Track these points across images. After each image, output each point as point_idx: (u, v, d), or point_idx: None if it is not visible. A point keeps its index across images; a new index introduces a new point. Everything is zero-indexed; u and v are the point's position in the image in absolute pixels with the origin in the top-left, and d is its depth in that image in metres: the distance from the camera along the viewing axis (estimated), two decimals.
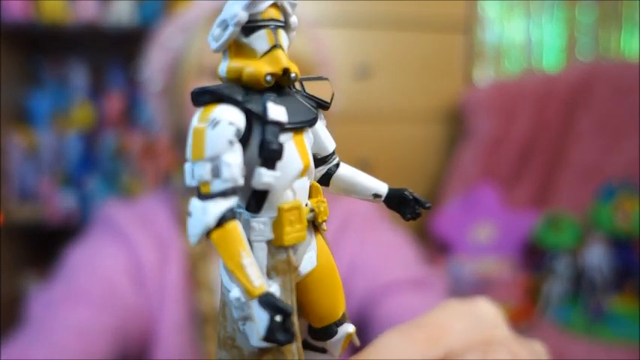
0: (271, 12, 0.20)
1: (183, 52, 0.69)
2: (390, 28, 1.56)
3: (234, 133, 0.19)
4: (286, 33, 0.21)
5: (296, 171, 0.20)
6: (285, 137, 0.20)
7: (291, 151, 0.20)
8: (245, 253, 0.18)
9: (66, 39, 1.56)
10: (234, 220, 0.18)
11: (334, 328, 0.22)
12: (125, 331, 0.62)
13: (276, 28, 0.20)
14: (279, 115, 0.19)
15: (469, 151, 1.50)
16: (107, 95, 1.56)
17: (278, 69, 0.19)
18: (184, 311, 0.66)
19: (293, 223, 0.20)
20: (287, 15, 0.21)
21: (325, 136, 0.22)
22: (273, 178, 0.19)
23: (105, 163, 1.52)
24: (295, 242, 0.20)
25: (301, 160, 0.20)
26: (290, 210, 0.20)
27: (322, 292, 0.21)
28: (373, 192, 0.23)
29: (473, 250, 1.38)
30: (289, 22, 0.21)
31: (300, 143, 0.20)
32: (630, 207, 1.19)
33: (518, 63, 1.70)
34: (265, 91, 0.20)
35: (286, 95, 0.20)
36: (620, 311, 1.13)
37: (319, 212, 0.21)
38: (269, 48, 0.20)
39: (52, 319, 0.59)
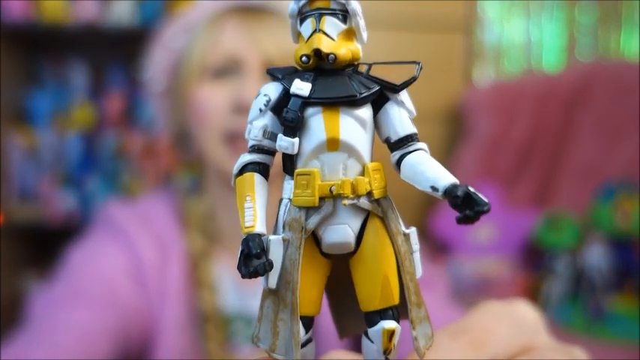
0: (318, 2, 0.22)
1: (186, 52, 0.69)
2: (390, 28, 1.56)
3: (264, 102, 0.22)
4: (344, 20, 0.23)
5: (318, 141, 0.22)
6: (313, 110, 0.22)
7: (317, 123, 0.22)
8: (249, 198, 0.22)
9: (66, 39, 1.56)
10: (251, 172, 0.22)
11: (376, 318, 0.22)
12: (126, 331, 0.62)
13: (320, 15, 0.22)
14: (300, 89, 0.22)
15: (469, 151, 1.50)
16: (107, 95, 1.57)
17: (309, 50, 0.22)
18: (185, 311, 0.66)
19: (303, 187, 0.22)
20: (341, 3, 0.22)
21: (396, 119, 0.23)
22: (289, 144, 0.22)
23: (105, 163, 1.52)
24: (303, 204, 0.22)
25: (325, 133, 0.22)
26: (301, 175, 0.22)
27: (361, 276, 0.23)
28: (431, 184, 0.22)
29: (473, 250, 1.38)
30: (349, 9, 0.23)
31: (332, 118, 0.22)
32: (630, 207, 1.19)
33: (518, 63, 1.70)
34: (313, 71, 0.22)
35: (333, 75, 0.22)
36: (620, 311, 1.13)
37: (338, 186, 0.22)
38: (311, 33, 0.22)
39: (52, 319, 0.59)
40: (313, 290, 0.23)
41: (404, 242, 0.23)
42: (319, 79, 0.22)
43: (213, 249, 0.71)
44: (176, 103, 0.73)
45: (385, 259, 0.22)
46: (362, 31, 0.24)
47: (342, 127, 0.22)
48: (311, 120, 0.22)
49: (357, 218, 0.22)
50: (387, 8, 1.54)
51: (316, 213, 0.22)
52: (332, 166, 0.22)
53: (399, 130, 0.23)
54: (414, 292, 0.23)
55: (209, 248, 0.70)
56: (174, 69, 0.71)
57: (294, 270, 0.22)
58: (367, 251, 0.22)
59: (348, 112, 0.22)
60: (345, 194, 0.22)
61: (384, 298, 0.22)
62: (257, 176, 0.23)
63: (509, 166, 1.49)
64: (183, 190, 0.78)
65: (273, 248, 0.22)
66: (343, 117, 0.22)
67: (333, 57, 0.22)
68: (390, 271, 0.22)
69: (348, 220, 0.22)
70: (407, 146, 0.23)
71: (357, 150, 0.22)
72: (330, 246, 0.22)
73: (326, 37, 0.22)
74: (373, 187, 0.22)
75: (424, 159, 0.23)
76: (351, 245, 0.23)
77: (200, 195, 0.75)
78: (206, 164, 0.72)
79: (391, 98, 0.24)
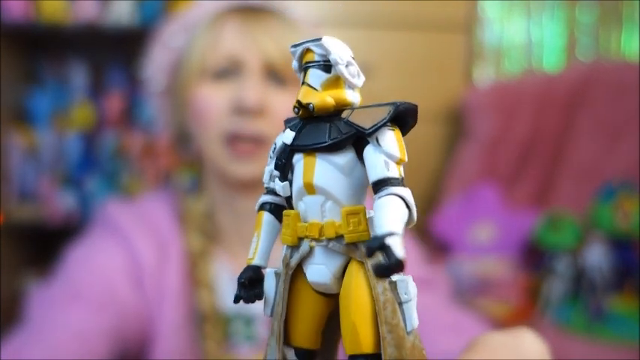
0: (306, 57, 0.24)
1: (186, 52, 0.69)
2: (390, 28, 1.56)
3: (272, 149, 0.25)
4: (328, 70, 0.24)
5: (298, 186, 0.23)
6: (298, 157, 0.24)
7: (299, 168, 0.23)
8: (256, 233, 0.24)
9: (66, 39, 1.56)
10: (262, 211, 0.25)
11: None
12: (124, 331, 0.62)
13: (306, 69, 0.24)
14: (286, 138, 0.24)
15: (469, 151, 1.50)
16: (107, 95, 1.56)
17: (295, 101, 0.24)
18: (184, 310, 0.66)
19: (286, 227, 0.24)
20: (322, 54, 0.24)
21: (371, 163, 0.23)
22: (280, 187, 0.24)
23: (105, 163, 1.52)
24: (286, 243, 0.24)
25: (302, 178, 0.23)
26: (286, 215, 0.24)
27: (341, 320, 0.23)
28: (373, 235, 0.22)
29: (473, 250, 1.38)
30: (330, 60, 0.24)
31: (309, 163, 0.23)
32: (630, 207, 1.19)
33: (519, 63, 1.69)
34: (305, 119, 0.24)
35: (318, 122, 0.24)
36: (620, 311, 1.13)
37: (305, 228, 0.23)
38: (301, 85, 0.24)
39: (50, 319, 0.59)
40: (304, 323, 0.24)
41: (386, 290, 0.22)
42: (306, 128, 0.24)
43: (212, 248, 0.71)
44: (176, 102, 0.73)
45: (358, 306, 0.22)
46: (350, 78, 0.24)
47: (317, 172, 0.23)
48: (296, 166, 0.24)
49: (334, 261, 0.23)
50: (388, 8, 1.54)
51: (296, 252, 0.23)
52: (312, 208, 0.23)
53: (371, 174, 0.23)
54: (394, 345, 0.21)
55: (208, 248, 0.70)
56: (174, 68, 0.71)
57: (280, 301, 0.23)
58: (342, 296, 0.23)
59: (324, 157, 0.23)
60: (312, 236, 0.22)
61: (353, 345, 0.22)
62: (267, 215, 0.25)
63: (509, 166, 1.49)
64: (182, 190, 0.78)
65: (266, 280, 0.24)
66: (319, 162, 0.23)
67: (312, 106, 0.23)
68: (359, 318, 0.22)
69: (324, 262, 0.23)
70: (380, 191, 0.22)
71: (333, 194, 0.23)
72: (312, 284, 0.24)
73: (309, 88, 0.23)
74: (345, 230, 0.22)
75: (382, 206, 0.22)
76: (330, 286, 0.23)
77: (199, 195, 0.75)
78: (205, 164, 0.72)
79: (370, 142, 0.23)
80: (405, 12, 1.56)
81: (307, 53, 0.24)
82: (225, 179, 0.69)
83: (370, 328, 0.22)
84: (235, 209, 0.71)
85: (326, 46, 0.24)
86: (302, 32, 0.69)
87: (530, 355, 0.26)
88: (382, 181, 0.22)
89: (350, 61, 0.24)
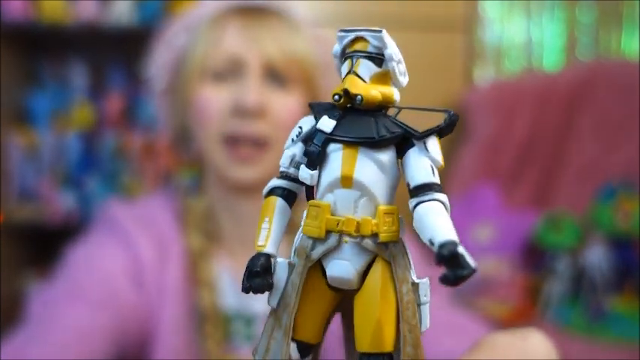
0: (356, 45, 0.24)
1: (187, 52, 0.69)
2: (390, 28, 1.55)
3: (297, 133, 0.24)
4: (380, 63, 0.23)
5: (333, 177, 0.22)
6: (335, 147, 0.23)
7: (336, 159, 0.23)
8: (267, 218, 0.23)
9: (66, 39, 1.56)
10: (274, 196, 0.24)
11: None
12: (124, 331, 0.62)
13: (357, 58, 0.23)
14: (324, 125, 0.23)
15: (469, 151, 1.50)
16: (107, 95, 1.56)
17: (339, 90, 0.23)
18: (184, 310, 0.66)
19: (313, 218, 0.23)
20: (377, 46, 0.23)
21: (416, 167, 0.23)
22: (308, 175, 0.23)
23: (105, 163, 1.52)
24: (310, 234, 0.23)
25: (340, 170, 0.22)
26: (313, 206, 0.23)
27: (357, 316, 0.23)
28: (429, 237, 0.22)
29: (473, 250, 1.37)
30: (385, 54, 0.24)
31: (350, 156, 0.22)
32: (630, 207, 1.19)
33: (519, 63, 1.69)
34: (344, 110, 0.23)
35: (361, 115, 0.23)
36: (620, 311, 1.13)
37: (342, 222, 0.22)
38: (346, 74, 0.23)
39: (50, 318, 0.59)
40: (313, 318, 0.23)
41: (409, 291, 0.23)
42: (346, 118, 0.23)
43: (212, 248, 0.71)
44: (177, 102, 0.73)
45: (383, 303, 0.22)
46: (399, 76, 0.24)
47: (358, 166, 0.22)
48: (331, 156, 0.23)
49: (361, 257, 0.23)
50: (387, 8, 1.54)
51: (321, 245, 0.23)
52: (344, 202, 0.22)
53: (416, 177, 0.23)
54: (412, 344, 0.22)
55: (208, 247, 0.70)
56: (175, 68, 0.71)
57: (294, 294, 0.23)
58: (366, 292, 0.23)
59: (366, 152, 0.23)
60: (347, 232, 0.22)
61: (374, 343, 0.22)
62: (280, 201, 0.24)
63: (509, 166, 1.49)
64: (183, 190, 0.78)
65: (278, 270, 0.23)
66: (361, 157, 0.23)
67: (360, 98, 0.22)
68: (385, 317, 0.22)
69: (350, 258, 0.23)
70: (422, 195, 0.23)
71: (371, 190, 0.22)
72: (332, 279, 0.23)
73: (358, 78, 0.23)
74: (380, 229, 0.22)
75: (432, 211, 0.22)
76: (352, 282, 0.23)
77: (200, 194, 0.75)
78: (206, 164, 0.72)
79: (416, 144, 0.24)
80: (405, 12, 1.56)
81: (359, 41, 0.24)
82: (225, 182, 0.69)
83: (393, 327, 0.22)
84: (235, 211, 0.71)
85: (385, 39, 0.23)
86: (303, 33, 0.69)
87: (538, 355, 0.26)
88: (427, 185, 0.23)
89: (401, 59, 0.24)
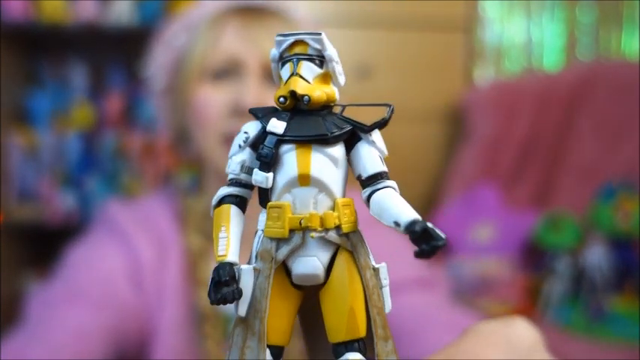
0: (296, 48, 0.24)
1: (186, 52, 0.69)
2: (390, 28, 1.56)
3: (243, 139, 0.24)
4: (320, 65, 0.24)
5: (291, 177, 0.23)
6: (287, 148, 0.23)
7: (290, 159, 0.23)
8: (224, 228, 0.23)
9: (66, 39, 1.56)
10: (228, 204, 0.24)
11: (342, 350, 0.23)
12: (123, 331, 0.62)
13: (298, 60, 0.24)
14: (275, 127, 0.23)
15: (469, 151, 1.50)
16: (107, 95, 1.56)
17: (286, 92, 0.23)
18: (183, 310, 0.66)
19: (275, 220, 0.23)
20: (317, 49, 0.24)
21: (366, 157, 0.24)
22: (263, 178, 0.23)
23: (105, 163, 1.52)
24: (274, 236, 0.23)
25: (297, 169, 0.23)
26: (273, 207, 0.23)
27: (329, 308, 0.23)
28: (394, 220, 0.23)
29: (473, 250, 1.38)
30: (325, 55, 0.24)
31: (304, 155, 0.23)
32: (630, 207, 1.19)
33: (519, 63, 1.69)
34: (290, 111, 0.24)
35: (307, 115, 0.24)
36: (620, 311, 1.13)
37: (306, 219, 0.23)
38: (289, 76, 0.24)
39: (49, 318, 0.59)
40: (282, 320, 0.23)
41: (372, 276, 0.24)
42: (295, 119, 0.24)
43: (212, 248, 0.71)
44: (176, 102, 0.73)
45: (352, 291, 0.23)
46: (338, 75, 0.25)
47: (314, 163, 0.23)
48: (285, 156, 0.23)
49: (325, 251, 0.23)
50: (388, 8, 1.54)
51: (286, 244, 0.23)
52: (303, 200, 0.23)
53: (368, 168, 0.24)
54: (381, 325, 0.23)
55: (208, 247, 0.70)
56: (174, 68, 0.71)
57: (263, 299, 0.23)
58: (335, 283, 0.23)
59: (319, 149, 0.23)
60: (312, 227, 0.23)
61: (350, 331, 0.23)
62: (233, 208, 0.24)
63: (509, 166, 1.49)
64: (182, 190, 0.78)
65: (244, 277, 0.23)
66: (315, 154, 0.23)
67: (308, 98, 0.23)
68: (356, 304, 0.23)
69: (316, 253, 0.23)
70: (376, 183, 0.24)
71: (328, 186, 0.23)
72: (299, 277, 0.23)
73: (302, 80, 0.24)
74: (342, 221, 0.23)
75: (390, 196, 0.24)
76: (320, 277, 0.23)
77: (199, 194, 0.75)
78: (205, 164, 0.72)
79: (363, 138, 0.25)
80: (405, 12, 1.56)
81: (299, 45, 0.24)
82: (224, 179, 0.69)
83: (364, 313, 0.23)
84: None
85: (324, 42, 0.24)
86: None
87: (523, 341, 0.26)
88: (379, 174, 0.24)
89: (338, 60, 0.25)
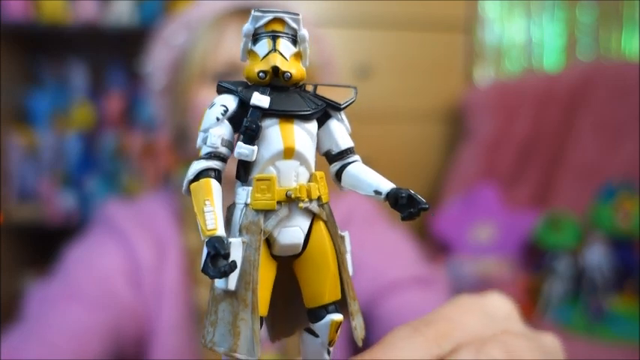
0: (274, 25, 0.25)
1: (187, 52, 0.69)
2: (390, 28, 1.56)
3: (221, 112, 0.24)
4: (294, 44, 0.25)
5: (276, 150, 0.24)
6: (271, 122, 0.24)
7: (274, 133, 0.24)
8: (209, 202, 0.23)
9: (66, 39, 1.56)
10: (208, 178, 0.24)
11: (322, 313, 0.24)
12: (121, 330, 0.62)
13: (276, 37, 0.24)
14: (260, 101, 0.24)
15: (469, 151, 1.50)
16: (107, 95, 1.56)
17: (268, 67, 0.24)
18: (182, 310, 0.66)
19: (263, 192, 0.24)
20: (293, 28, 0.25)
21: (338, 133, 0.26)
22: (248, 151, 0.23)
23: (105, 163, 1.52)
24: (263, 208, 0.24)
25: (282, 142, 0.24)
26: (261, 180, 0.24)
27: (310, 273, 0.25)
28: (374, 188, 0.25)
29: (473, 250, 1.38)
30: (298, 35, 0.25)
31: (287, 129, 0.24)
32: (630, 207, 1.19)
33: (519, 63, 1.69)
34: (264, 87, 0.24)
35: (286, 91, 0.25)
36: (620, 311, 1.13)
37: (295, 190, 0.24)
38: (267, 52, 0.24)
39: (47, 317, 0.59)
40: (267, 291, 0.24)
41: (341, 244, 0.25)
42: (274, 94, 0.24)
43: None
44: (176, 102, 0.73)
45: (334, 257, 0.25)
46: (306, 57, 0.26)
47: (297, 137, 0.24)
48: (268, 130, 0.24)
49: (306, 221, 0.25)
50: (387, 8, 1.54)
51: (274, 216, 0.24)
52: (286, 173, 0.24)
53: (340, 143, 0.26)
54: (351, 287, 0.25)
55: None
56: (174, 67, 0.71)
57: (254, 270, 0.23)
58: (316, 250, 0.25)
59: (300, 124, 0.24)
60: (301, 198, 0.24)
61: (332, 293, 0.24)
62: (214, 181, 0.24)
63: (509, 166, 1.49)
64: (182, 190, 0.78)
65: (233, 250, 0.23)
66: (297, 129, 0.24)
67: (289, 75, 0.24)
68: (335, 268, 0.25)
69: (299, 223, 0.24)
70: (346, 158, 0.26)
71: (307, 159, 0.24)
72: (282, 247, 0.24)
73: (281, 56, 0.24)
74: (321, 192, 0.24)
75: (364, 168, 0.25)
76: (300, 247, 0.25)
77: None
78: None
79: (333, 115, 0.26)
80: (405, 12, 1.56)
81: (277, 22, 0.25)
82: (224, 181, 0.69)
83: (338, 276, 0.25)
84: None
85: (301, 22, 0.25)
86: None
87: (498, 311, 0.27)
88: (350, 149, 0.26)
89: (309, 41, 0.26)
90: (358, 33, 1.54)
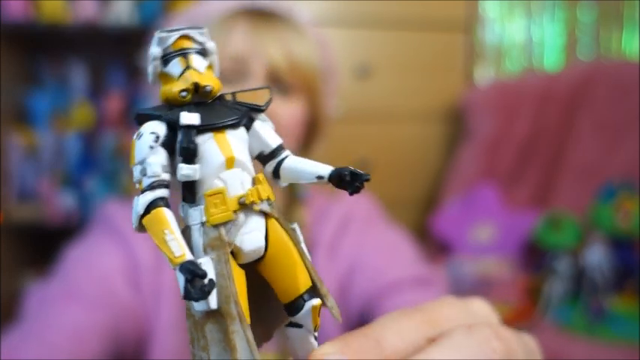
0: (181, 43, 0.25)
1: None
2: (390, 28, 1.56)
3: (153, 139, 0.24)
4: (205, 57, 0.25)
5: (218, 163, 0.24)
6: (206, 137, 0.24)
7: (212, 147, 0.24)
8: (168, 231, 0.23)
9: (66, 39, 1.56)
10: (159, 207, 0.23)
11: (301, 303, 0.25)
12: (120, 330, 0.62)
13: (186, 55, 0.25)
14: (190, 119, 0.24)
15: (469, 151, 1.50)
16: (107, 95, 1.56)
17: (188, 84, 0.24)
18: (181, 309, 0.66)
19: (217, 205, 0.24)
20: (201, 42, 0.25)
21: (266, 134, 0.26)
22: (192, 171, 0.23)
23: (105, 163, 1.52)
24: (221, 221, 0.24)
25: (222, 154, 0.24)
26: (212, 195, 0.24)
27: (280, 270, 0.25)
28: (315, 175, 0.25)
29: (473, 250, 1.38)
30: (207, 48, 0.25)
31: (222, 140, 0.24)
32: (630, 207, 1.19)
33: (519, 63, 1.69)
34: (188, 105, 0.24)
35: (209, 105, 0.25)
36: (620, 311, 1.13)
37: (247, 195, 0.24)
38: (182, 70, 0.24)
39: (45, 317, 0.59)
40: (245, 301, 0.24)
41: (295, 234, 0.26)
42: (199, 109, 0.24)
43: None
44: None
45: (296, 250, 0.25)
46: (216, 68, 0.26)
47: (233, 146, 0.24)
48: (205, 146, 0.24)
49: (261, 222, 0.25)
50: (387, 8, 1.54)
51: (233, 226, 0.24)
52: (232, 182, 0.24)
53: (270, 143, 0.26)
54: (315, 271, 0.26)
55: None
56: None
57: (230, 283, 0.23)
58: (278, 247, 0.25)
59: (232, 134, 0.25)
60: (255, 201, 0.24)
61: (303, 282, 0.25)
62: (165, 210, 0.24)
63: (509, 166, 1.49)
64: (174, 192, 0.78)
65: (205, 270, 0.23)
66: (230, 138, 0.25)
67: (210, 88, 0.25)
68: (299, 258, 0.25)
69: (257, 227, 0.25)
70: (279, 155, 0.26)
71: (247, 165, 0.25)
72: (248, 254, 0.24)
73: (197, 72, 0.25)
74: (268, 192, 0.25)
75: (299, 159, 0.26)
76: (263, 249, 0.25)
77: None
78: None
79: (256, 118, 0.26)
80: (405, 12, 1.56)
81: (185, 40, 0.25)
82: None
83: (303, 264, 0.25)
84: None
85: (207, 35, 0.25)
86: (308, 38, 0.69)
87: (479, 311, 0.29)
88: (280, 146, 0.26)
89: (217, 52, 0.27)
90: (358, 33, 1.54)
